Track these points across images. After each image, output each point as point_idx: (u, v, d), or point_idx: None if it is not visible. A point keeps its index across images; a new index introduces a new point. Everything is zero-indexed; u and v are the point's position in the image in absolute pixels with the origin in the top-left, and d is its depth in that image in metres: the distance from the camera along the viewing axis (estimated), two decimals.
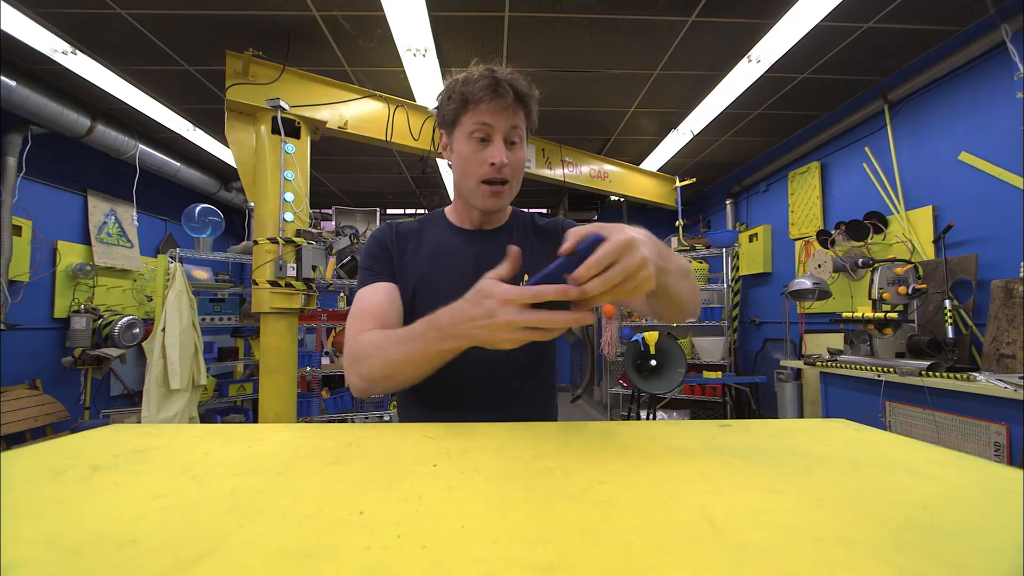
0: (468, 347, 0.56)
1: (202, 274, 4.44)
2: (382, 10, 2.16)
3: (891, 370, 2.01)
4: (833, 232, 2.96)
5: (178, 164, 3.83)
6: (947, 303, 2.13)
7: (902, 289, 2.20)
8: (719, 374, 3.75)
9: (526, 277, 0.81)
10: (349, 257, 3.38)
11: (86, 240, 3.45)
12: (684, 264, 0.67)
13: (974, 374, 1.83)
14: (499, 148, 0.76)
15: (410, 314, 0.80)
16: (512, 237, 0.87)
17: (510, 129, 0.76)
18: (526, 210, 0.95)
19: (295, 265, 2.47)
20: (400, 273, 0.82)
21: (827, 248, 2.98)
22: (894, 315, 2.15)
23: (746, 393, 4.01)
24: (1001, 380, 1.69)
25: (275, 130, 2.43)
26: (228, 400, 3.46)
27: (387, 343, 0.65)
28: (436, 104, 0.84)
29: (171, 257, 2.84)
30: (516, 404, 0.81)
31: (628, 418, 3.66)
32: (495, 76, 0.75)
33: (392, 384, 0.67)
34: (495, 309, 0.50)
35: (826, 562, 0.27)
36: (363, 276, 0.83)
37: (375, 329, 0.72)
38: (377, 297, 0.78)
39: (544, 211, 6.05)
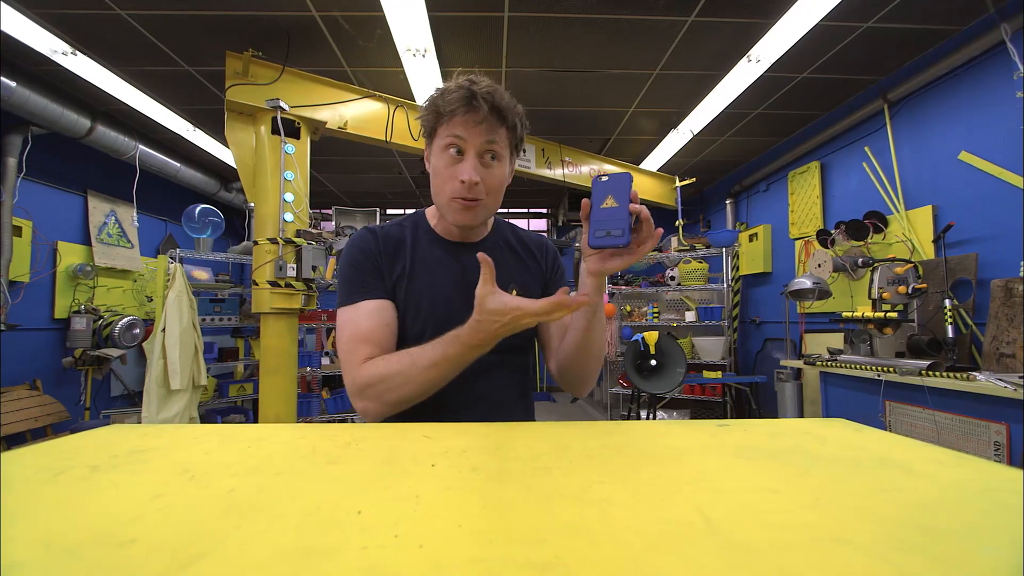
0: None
1: (202, 274, 4.44)
2: (382, 10, 2.17)
3: (891, 370, 2.01)
4: (833, 232, 2.95)
5: (178, 164, 3.84)
6: (947, 302, 2.13)
7: (902, 289, 2.20)
8: (719, 374, 3.74)
9: (515, 292, 0.82)
10: None
11: (86, 241, 3.45)
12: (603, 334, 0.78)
13: (974, 374, 1.82)
14: (470, 165, 0.73)
15: (420, 328, 0.78)
16: (493, 251, 0.85)
17: (484, 144, 0.73)
18: (509, 221, 0.96)
19: (295, 265, 2.47)
20: (401, 294, 0.80)
21: (827, 248, 2.98)
22: (894, 315, 2.15)
23: (746, 393, 4.01)
24: (1001, 380, 1.69)
25: (275, 130, 2.43)
26: (228, 400, 3.47)
27: (414, 369, 0.69)
28: (418, 116, 0.82)
29: (171, 257, 2.84)
30: (487, 406, 0.81)
31: (628, 418, 3.66)
32: (470, 89, 0.71)
33: (413, 403, 0.72)
34: (518, 319, 0.62)
35: (824, 562, 0.27)
36: (348, 290, 0.78)
37: (380, 356, 0.73)
38: (370, 322, 0.75)
39: (544, 211, 6.05)
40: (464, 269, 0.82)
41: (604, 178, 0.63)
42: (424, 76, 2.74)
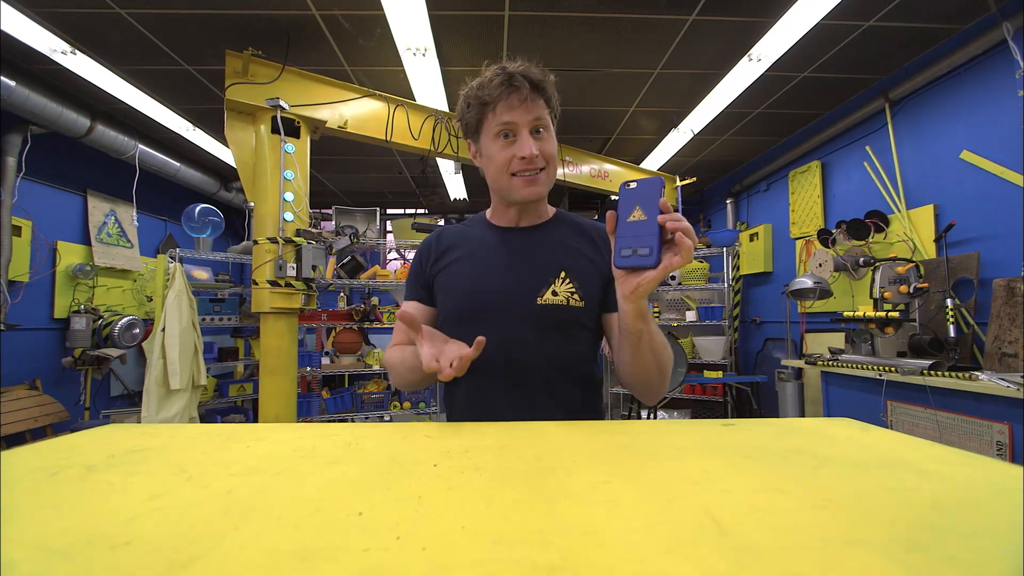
0: None
1: (202, 274, 4.43)
2: (382, 9, 2.16)
3: (892, 369, 2.00)
4: (834, 231, 2.95)
5: (178, 164, 3.83)
6: (948, 302, 2.12)
7: (903, 288, 2.20)
8: (720, 374, 3.74)
9: (563, 274, 0.81)
10: (349, 257, 3.38)
11: (86, 240, 3.45)
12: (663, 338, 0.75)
13: (976, 373, 1.82)
14: (526, 141, 0.77)
15: (461, 314, 0.82)
16: (551, 232, 0.87)
17: (533, 120, 0.77)
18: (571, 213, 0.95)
19: (295, 265, 2.46)
20: (444, 279, 0.86)
21: (828, 247, 2.97)
22: (895, 314, 2.15)
23: (747, 393, 4.01)
24: (1003, 379, 1.68)
25: (275, 130, 2.42)
26: (228, 400, 3.46)
27: (402, 368, 0.80)
28: (457, 117, 0.86)
29: (171, 257, 2.83)
30: (553, 404, 0.80)
31: (629, 418, 3.65)
32: (507, 71, 0.76)
33: (412, 390, 0.89)
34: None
35: (835, 563, 0.26)
36: (407, 289, 0.92)
37: (398, 346, 0.86)
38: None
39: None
40: (511, 251, 0.84)
41: (632, 185, 0.58)
42: (424, 75, 2.74)
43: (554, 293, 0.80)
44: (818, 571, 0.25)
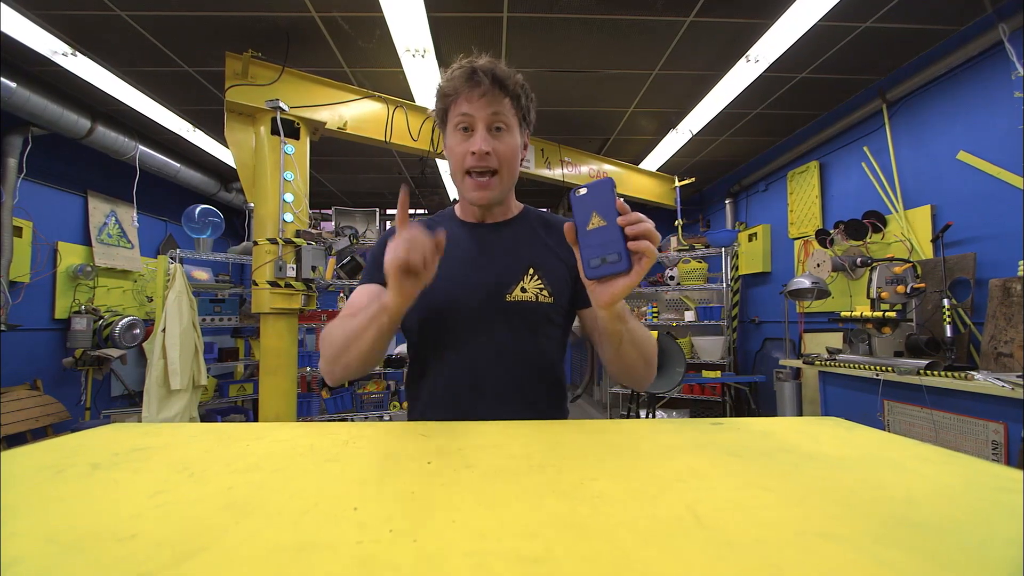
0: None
1: (202, 275, 4.44)
2: (381, 11, 2.17)
3: (889, 369, 2.02)
4: (832, 231, 2.96)
5: (178, 165, 3.84)
6: (945, 302, 2.13)
7: (900, 288, 2.21)
8: (718, 373, 3.75)
9: (531, 271, 0.82)
10: (349, 257, 3.39)
11: (86, 241, 3.46)
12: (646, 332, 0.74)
13: (972, 373, 1.83)
14: (480, 136, 0.76)
15: (428, 311, 0.79)
16: (519, 228, 0.87)
17: (491, 116, 0.76)
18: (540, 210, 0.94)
19: (295, 266, 2.47)
20: None
21: (826, 247, 2.98)
22: (892, 314, 2.16)
23: (745, 392, 4.02)
24: (999, 379, 1.69)
25: (274, 131, 2.43)
26: (228, 400, 3.47)
27: (349, 322, 0.72)
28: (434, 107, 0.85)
29: (171, 258, 2.85)
30: (519, 403, 0.79)
31: (627, 417, 3.67)
32: (471, 66, 0.76)
33: (347, 360, 0.71)
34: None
35: (808, 556, 0.27)
36: (362, 276, 0.88)
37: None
38: (360, 298, 0.82)
39: (543, 211, 6.04)
40: (479, 247, 0.83)
41: (582, 191, 0.56)
42: (423, 76, 2.75)
43: (523, 290, 0.80)
44: (790, 563, 0.27)
